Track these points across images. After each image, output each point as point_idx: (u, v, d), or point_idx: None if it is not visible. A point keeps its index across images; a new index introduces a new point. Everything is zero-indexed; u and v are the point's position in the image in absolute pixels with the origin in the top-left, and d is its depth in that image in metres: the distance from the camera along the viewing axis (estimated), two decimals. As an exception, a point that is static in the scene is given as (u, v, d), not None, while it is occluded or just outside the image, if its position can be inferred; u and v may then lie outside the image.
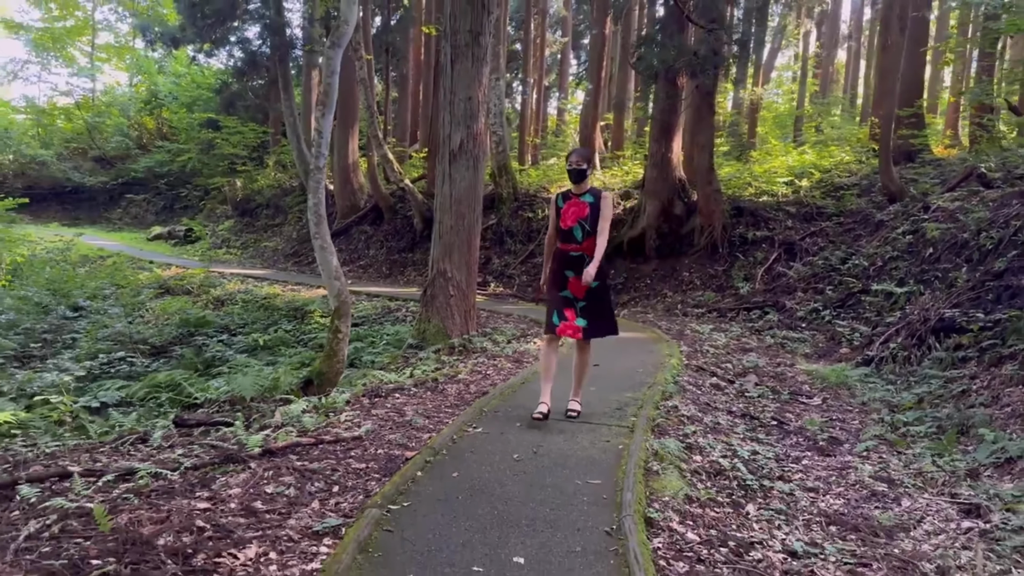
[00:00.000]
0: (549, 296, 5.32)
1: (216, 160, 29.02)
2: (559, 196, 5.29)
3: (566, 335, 5.21)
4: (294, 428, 4.86)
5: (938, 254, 10.27)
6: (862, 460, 5.41)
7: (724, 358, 9.11)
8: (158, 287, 14.80)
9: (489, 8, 8.43)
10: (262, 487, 3.79)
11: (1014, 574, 3.57)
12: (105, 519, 3.24)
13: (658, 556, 3.30)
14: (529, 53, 24.71)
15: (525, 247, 16.39)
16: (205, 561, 2.93)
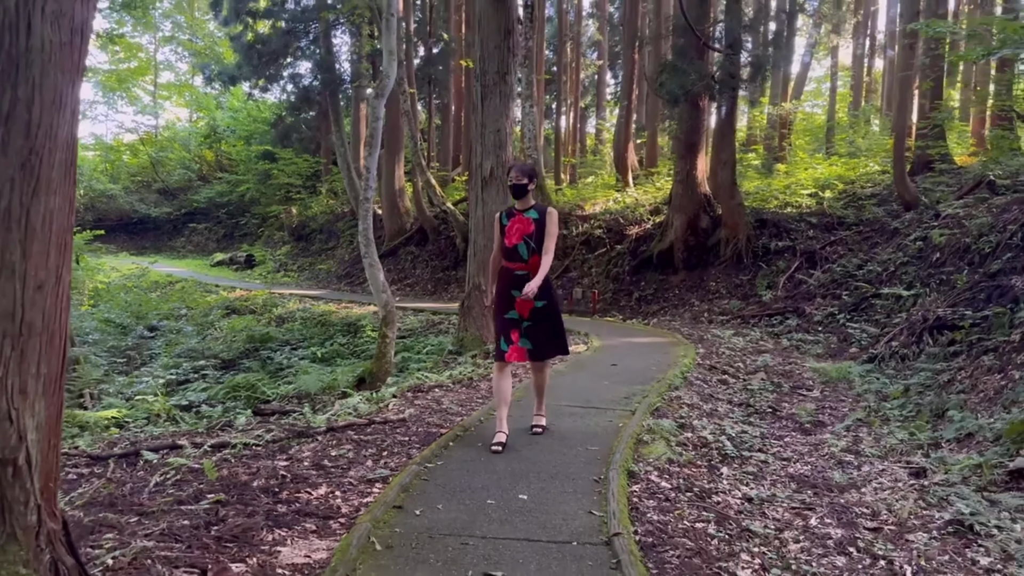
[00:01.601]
0: (496, 320, 5.12)
1: (273, 189, 30.80)
2: (503, 213, 5.11)
3: (513, 360, 5.01)
4: (351, 413, 5.93)
5: (944, 258, 10.92)
6: (837, 438, 6.23)
7: (737, 358, 9.91)
8: (225, 308, 16.22)
9: (514, 51, 9.50)
10: (327, 452, 4.85)
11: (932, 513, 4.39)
12: (212, 470, 4.32)
13: (632, 495, 4.23)
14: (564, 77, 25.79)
15: (560, 262, 17.36)
16: (288, 496, 3.97)
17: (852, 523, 4.32)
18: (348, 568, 3.04)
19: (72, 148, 2.22)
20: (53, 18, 2.07)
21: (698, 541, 3.71)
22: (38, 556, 2.08)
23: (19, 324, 2.03)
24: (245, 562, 3.02)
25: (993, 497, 4.63)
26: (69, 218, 2.23)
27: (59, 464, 2.34)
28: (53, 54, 2.09)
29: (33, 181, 2.04)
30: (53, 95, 2.10)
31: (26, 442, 2.06)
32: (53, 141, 2.11)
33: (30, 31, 2.02)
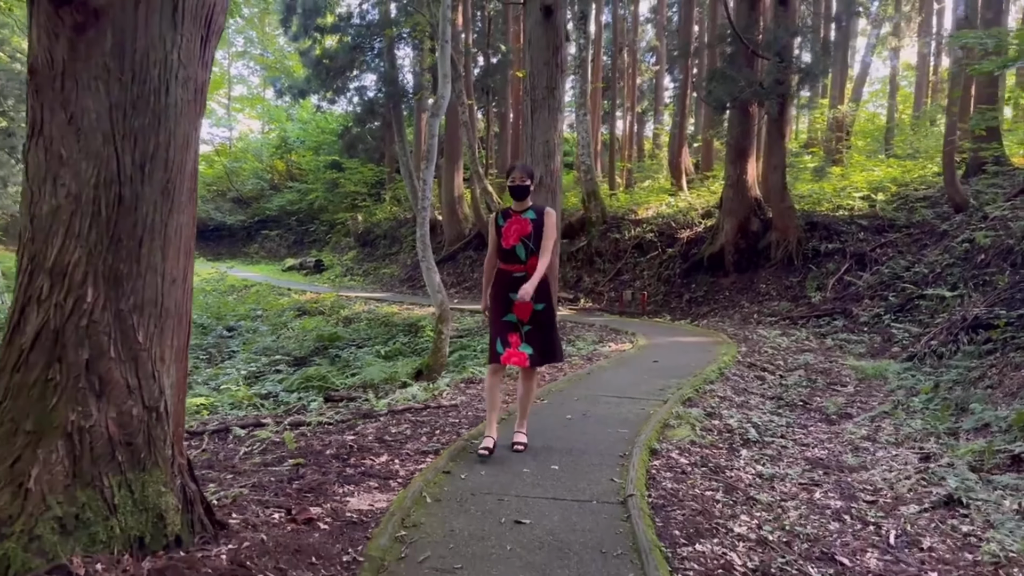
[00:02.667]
0: (492, 322, 4.97)
1: (340, 198, 32.14)
2: (498, 214, 4.97)
3: (511, 363, 4.81)
4: (409, 399, 6.64)
5: (988, 259, 11.06)
6: (858, 427, 6.64)
7: (779, 357, 10.29)
8: (296, 310, 17.28)
9: (561, 67, 10.13)
10: (388, 429, 5.57)
11: (929, 490, 4.82)
12: (292, 441, 5.08)
13: (652, 468, 4.80)
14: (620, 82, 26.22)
15: (613, 266, 17.88)
16: (355, 462, 4.69)
17: (853, 497, 4.79)
18: (403, 513, 3.72)
19: (195, 177, 2.96)
20: (183, 82, 2.81)
21: (704, 504, 4.26)
22: (172, 480, 2.81)
23: (160, 308, 2.77)
24: (321, 506, 3.73)
25: (991, 478, 5.03)
26: (192, 231, 2.97)
27: (184, 414, 3.08)
28: (183, 109, 2.82)
29: (169, 203, 2.78)
30: (182, 139, 2.84)
31: (164, 395, 2.79)
32: (182, 173, 2.85)
33: (168, 93, 2.76)
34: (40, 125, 2.67)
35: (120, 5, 2.61)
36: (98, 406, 2.58)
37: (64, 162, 2.61)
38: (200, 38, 2.84)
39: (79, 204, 2.60)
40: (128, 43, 2.64)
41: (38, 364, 2.55)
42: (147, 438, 2.70)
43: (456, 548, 3.36)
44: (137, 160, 2.66)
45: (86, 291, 2.58)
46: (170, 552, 2.67)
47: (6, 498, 2.44)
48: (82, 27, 2.60)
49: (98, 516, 2.52)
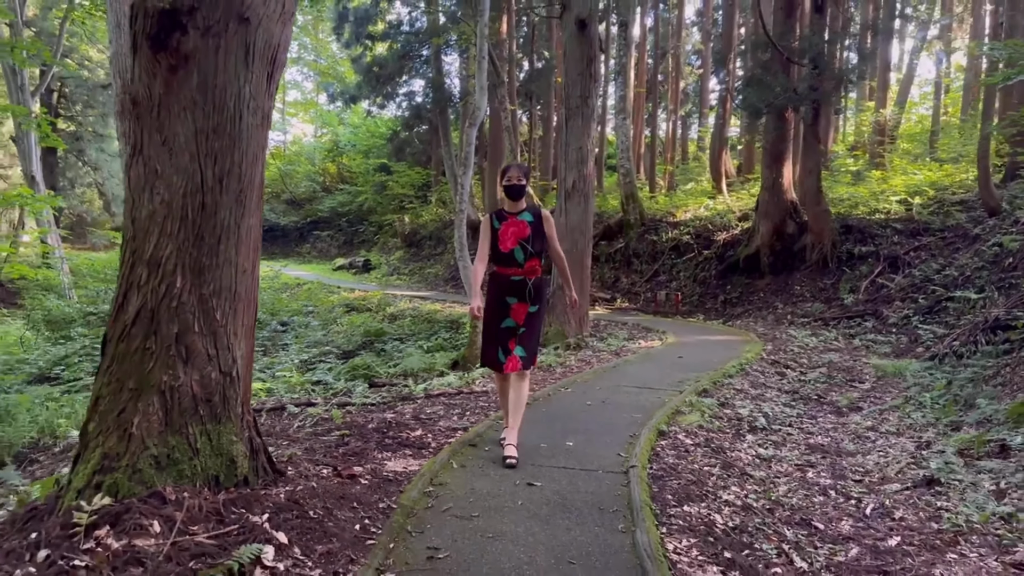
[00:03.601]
0: (488, 329, 4.84)
1: (388, 199, 33.12)
2: (492, 216, 4.79)
3: (509, 371, 4.79)
4: (445, 386, 7.27)
5: (1016, 263, 11.23)
6: (865, 418, 7.04)
7: (803, 355, 10.64)
8: (345, 306, 18.11)
9: (595, 78, 10.66)
10: (424, 409, 6.20)
11: (915, 472, 5.24)
12: (339, 417, 5.75)
13: (657, 446, 5.33)
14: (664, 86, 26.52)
15: (650, 267, 18.29)
16: (393, 434, 5.32)
17: (842, 476, 5.25)
18: (432, 475, 4.33)
19: (261, 187, 3.61)
20: (253, 111, 3.46)
21: (699, 477, 4.78)
22: (241, 432, 3.46)
23: (233, 294, 3.42)
24: (362, 467, 4.36)
25: (978, 464, 5.42)
26: (259, 231, 3.62)
27: (251, 382, 3.74)
28: (252, 132, 3.47)
29: (241, 209, 3.44)
30: (252, 156, 3.49)
31: (236, 364, 3.45)
32: (252, 184, 3.50)
33: (241, 120, 3.41)
34: (140, 145, 3.34)
35: (204, 51, 3.27)
36: (184, 370, 3.24)
37: (159, 175, 3.28)
38: (266, 74, 3.49)
39: (171, 209, 3.26)
40: (210, 80, 3.29)
41: (138, 336, 3.22)
42: (222, 397, 3.35)
43: (475, 502, 3.95)
44: (217, 174, 3.32)
45: (176, 279, 3.25)
46: (239, 489, 3.32)
47: (114, 440, 3.12)
48: (174, 68, 3.27)
49: (184, 457, 3.19)
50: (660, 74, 34.41)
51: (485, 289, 4.88)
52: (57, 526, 2.89)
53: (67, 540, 2.79)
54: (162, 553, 2.73)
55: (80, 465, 3.15)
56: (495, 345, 4.81)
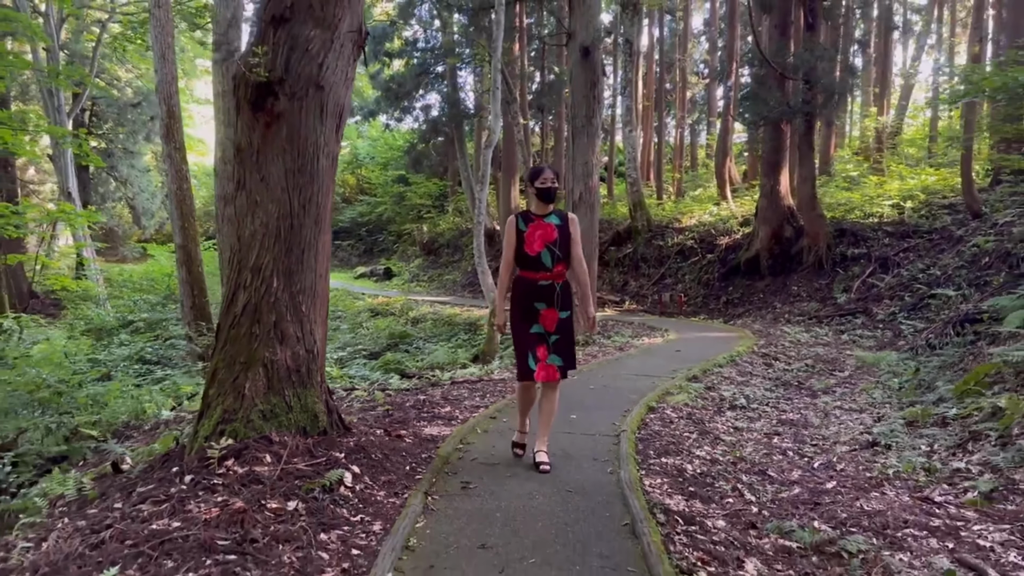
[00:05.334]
0: (517, 336, 4.66)
1: (406, 209, 34.37)
2: (518, 218, 4.63)
3: (541, 379, 4.61)
4: (468, 375, 8.37)
5: (991, 262, 12.18)
6: (835, 399, 8.05)
7: (792, 349, 11.64)
8: (370, 311, 19.29)
9: (599, 99, 11.75)
10: (451, 392, 7.31)
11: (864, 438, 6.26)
12: (381, 398, 6.86)
13: (646, 419, 6.39)
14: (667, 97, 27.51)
15: (657, 270, 19.32)
16: (427, 410, 6.43)
17: (802, 442, 6.28)
18: (461, 436, 5.43)
19: (330, 209, 4.73)
20: (327, 154, 4.58)
21: (678, 440, 5.84)
22: (320, 396, 4.57)
23: (314, 292, 4.53)
24: (405, 430, 5.46)
25: (922, 432, 6.43)
26: (329, 244, 4.74)
27: (325, 359, 4.84)
28: (325, 170, 4.59)
29: (319, 228, 4.55)
30: (325, 188, 4.60)
31: (316, 344, 4.56)
32: (325, 209, 4.62)
33: (317, 161, 4.52)
34: (243, 181, 4.47)
35: (291, 111, 4.40)
36: (280, 349, 4.36)
37: (258, 204, 4.41)
38: (335, 126, 4.62)
39: (268, 229, 4.39)
40: (296, 132, 4.42)
41: (245, 324, 4.34)
42: (307, 369, 4.47)
43: (495, 454, 5.04)
44: (301, 202, 4.44)
45: (272, 281, 4.37)
46: (320, 437, 4.44)
47: (231, 400, 4.24)
48: (269, 124, 4.40)
49: (282, 412, 4.30)
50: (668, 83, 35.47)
51: (509, 296, 4.72)
52: (195, 460, 4.01)
53: (205, 468, 3.92)
54: (274, 475, 3.84)
55: (204, 420, 4.27)
56: (524, 352, 4.62)
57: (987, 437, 5.80)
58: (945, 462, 5.52)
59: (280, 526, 3.40)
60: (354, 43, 4.62)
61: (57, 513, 4.11)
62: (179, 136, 13.29)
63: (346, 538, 3.45)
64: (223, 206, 12.86)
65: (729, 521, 4.16)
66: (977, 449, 5.73)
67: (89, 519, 3.72)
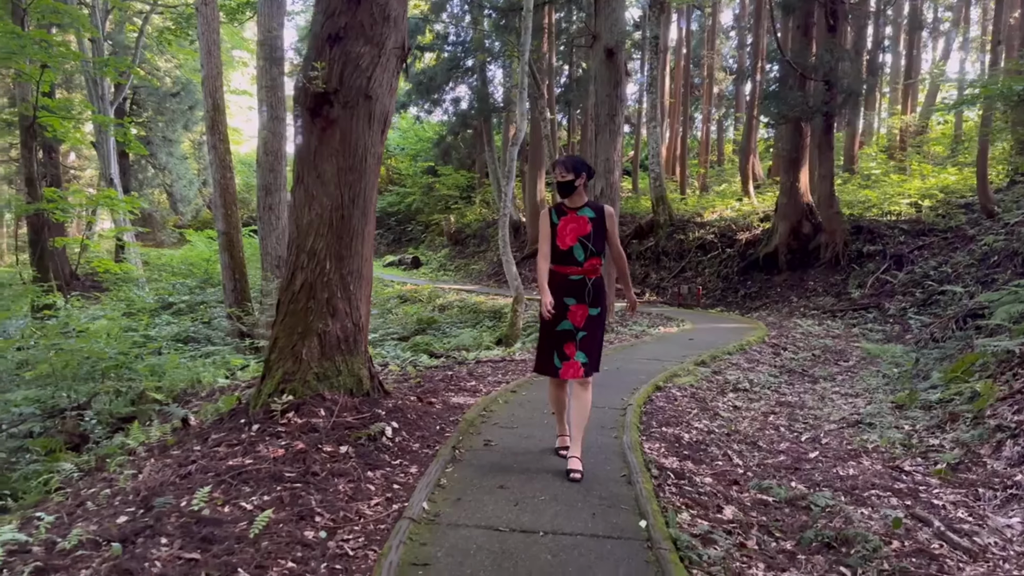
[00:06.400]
0: (544, 329, 4.59)
1: (434, 200, 35.17)
2: (552, 211, 4.51)
3: (567, 377, 4.54)
4: (492, 356, 9.07)
5: (999, 261, 12.60)
6: (834, 385, 8.63)
7: (802, 340, 12.18)
8: (399, 298, 20.08)
9: (621, 99, 12.34)
10: (476, 370, 8.01)
11: (852, 418, 6.85)
12: (413, 372, 7.59)
13: (652, 396, 7.04)
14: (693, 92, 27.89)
15: (678, 264, 19.86)
16: (454, 383, 7.13)
17: (795, 420, 6.88)
18: (485, 405, 6.12)
19: (374, 202, 5.44)
20: (373, 154, 5.28)
21: (679, 414, 6.48)
22: (364, 363, 5.28)
23: (360, 273, 5.24)
24: (435, 399, 6.18)
25: (905, 413, 7.01)
26: (374, 232, 5.44)
27: (368, 332, 5.56)
28: (371, 168, 5.29)
29: (365, 219, 5.26)
30: (371, 184, 5.30)
31: (362, 319, 5.27)
32: (370, 201, 5.32)
33: (365, 161, 5.22)
34: (301, 177, 5.19)
35: (344, 117, 5.10)
36: (331, 322, 5.07)
37: (314, 197, 5.12)
38: (380, 130, 5.32)
39: (322, 219, 5.10)
40: (347, 136, 5.12)
41: (302, 300, 5.06)
42: (354, 340, 5.19)
43: (514, 419, 5.73)
44: (350, 197, 5.15)
45: (326, 263, 5.08)
46: (364, 398, 5.16)
47: (290, 364, 4.96)
48: (325, 128, 5.10)
49: (333, 375, 5.02)
50: (696, 78, 35.84)
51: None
52: (260, 413, 4.75)
53: (269, 419, 4.65)
54: (328, 426, 4.56)
55: (267, 380, 5.00)
56: (550, 349, 4.55)
57: (963, 418, 6.37)
58: (922, 439, 6.12)
59: (334, 464, 4.12)
60: (398, 58, 5.30)
61: (143, 455, 4.87)
62: (223, 128, 14.06)
63: (388, 476, 4.17)
64: (264, 195, 13.67)
65: (715, 478, 4.81)
66: (954, 429, 6.31)
67: (174, 458, 4.48)
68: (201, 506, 3.53)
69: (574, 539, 3.50)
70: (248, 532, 3.29)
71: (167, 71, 37.22)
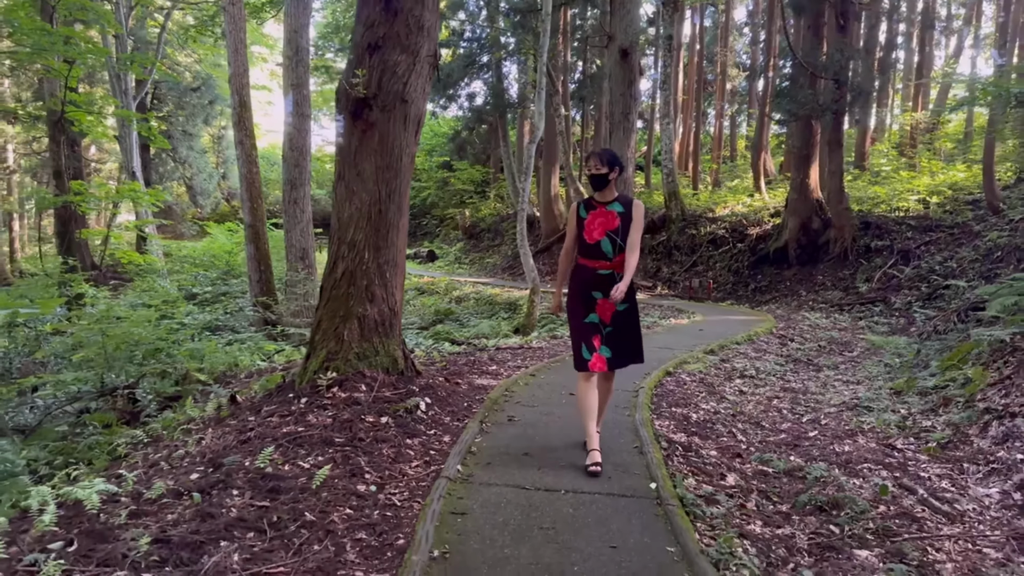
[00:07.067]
0: (573, 325, 4.63)
1: (449, 195, 35.68)
2: (580, 205, 4.56)
3: (595, 370, 4.54)
4: (510, 343, 9.55)
5: (1002, 256, 12.95)
6: (836, 373, 9.05)
7: (809, 332, 12.58)
8: (417, 290, 20.61)
9: (635, 98, 12.77)
10: (496, 356, 8.50)
11: (851, 402, 7.28)
12: (438, 357, 8.07)
13: (663, 380, 7.49)
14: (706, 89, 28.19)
15: (689, 258, 20.27)
16: (477, 367, 7.61)
17: (797, 403, 7.32)
18: (506, 387, 6.60)
19: (408, 197, 5.92)
20: (408, 153, 5.75)
21: (687, 396, 6.94)
22: (398, 345, 5.77)
23: (395, 262, 5.72)
24: (461, 380, 6.66)
25: (902, 398, 7.43)
26: (407, 225, 5.93)
27: (402, 316, 6.05)
28: (406, 166, 5.77)
29: (400, 213, 5.74)
30: (406, 181, 5.78)
31: (397, 304, 5.75)
32: (404, 197, 5.80)
33: (401, 160, 5.69)
34: (343, 174, 5.67)
35: (382, 120, 5.57)
36: (370, 306, 5.56)
37: (354, 192, 5.60)
38: (415, 131, 5.79)
39: (361, 213, 5.58)
40: (385, 137, 5.60)
41: (343, 286, 5.55)
42: (389, 323, 5.67)
43: (533, 398, 6.21)
44: (387, 193, 5.63)
45: (364, 254, 5.57)
46: (399, 376, 5.64)
47: (333, 344, 5.46)
48: (364, 131, 5.58)
49: (371, 355, 5.51)
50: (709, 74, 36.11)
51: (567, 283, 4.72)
52: (307, 388, 5.25)
53: (315, 393, 5.15)
54: (369, 399, 5.06)
55: (312, 359, 5.50)
56: (579, 342, 4.58)
57: (956, 402, 6.79)
58: (916, 421, 6.54)
59: (377, 432, 4.61)
60: (431, 65, 5.77)
61: (201, 426, 5.38)
62: (249, 124, 14.53)
63: (425, 443, 4.65)
64: (289, 189, 14.18)
65: (720, 452, 5.27)
66: (946, 412, 6.73)
67: (231, 427, 4.99)
68: (265, 464, 4.02)
69: (592, 496, 3.97)
70: (310, 485, 3.79)
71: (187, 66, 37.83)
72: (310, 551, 3.16)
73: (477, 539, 3.35)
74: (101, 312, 8.47)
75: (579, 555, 3.24)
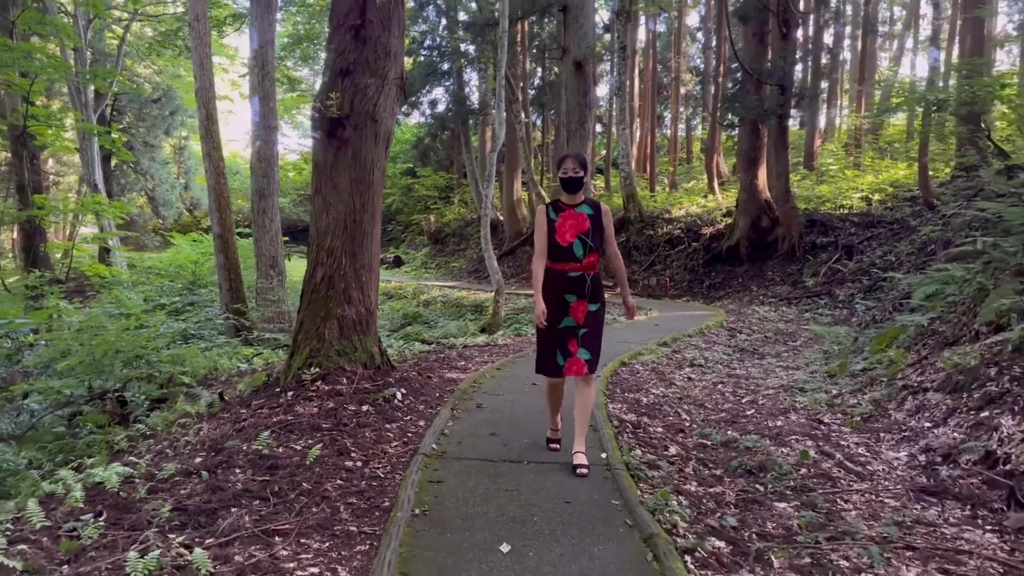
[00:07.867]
0: (547, 332, 4.57)
1: (414, 201, 36.18)
2: (549, 208, 4.52)
3: (571, 375, 4.60)
4: (477, 342, 10.14)
5: (934, 249, 13.90)
6: (778, 360, 9.80)
7: (757, 324, 13.38)
8: (385, 295, 21.09)
9: (590, 107, 13.47)
10: (464, 353, 9.09)
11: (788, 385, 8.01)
12: (409, 354, 8.63)
13: (618, 370, 8.15)
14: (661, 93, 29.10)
15: (648, 258, 21.07)
16: (446, 363, 8.19)
17: (739, 387, 8.02)
18: (474, 379, 7.19)
19: (380, 207, 6.48)
20: (379, 167, 6.31)
21: (639, 383, 7.60)
22: (374, 342, 6.32)
23: (370, 268, 6.27)
24: (432, 373, 7.24)
25: (834, 380, 8.18)
26: (379, 232, 6.49)
27: (377, 316, 6.60)
28: (377, 179, 6.33)
29: (373, 221, 6.30)
30: (377, 193, 6.34)
31: (372, 305, 6.30)
32: (376, 207, 6.36)
33: (372, 173, 6.25)
34: (319, 187, 6.22)
35: (355, 137, 6.14)
36: (347, 307, 6.11)
37: (331, 204, 6.15)
38: (385, 146, 6.36)
39: (338, 222, 6.13)
40: (358, 153, 6.16)
41: (323, 289, 6.10)
42: (366, 322, 6.23)
43: (499, 388, 6.82)
44: (361, 203, 6.19)
45: (342, 259, 6.12)
46: (376, 370, 6.20)
47: (315, 342, 6.00)
48: (339, 147, 6.14)
49: (351, 351, 6.06)
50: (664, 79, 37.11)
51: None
52: (293, 382, 5.79)
53: (301, 387, 5.69)
54: (350, 391, 5.61)
55: (296, 356, 6.04)
56: (553, 347, 4.58)
57: (879, 381, 7.55)
58: (844, 400, 7.28)
59: (359, 419, 5.18)
60: (398, 86, 6.35)
61: (195, 421, 5.88)
62: (217, 136, 14.88)
63: (402, 427, 5.23)
64: (258, 199, 14.59)
65: (665, 429, 5.92)
66: (871, 390, 7.49)
67: (226, 419, 5.51)
68: (262, 447, 4.57)
69: (551, 465, 4.59)
70: (304, 462, 4.35)
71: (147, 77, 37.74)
72: (309, 513, 3.72)
73: (452, 500, 3.94)
74: (84, 322, 8.86)
75: (538, 509, 3.85)
